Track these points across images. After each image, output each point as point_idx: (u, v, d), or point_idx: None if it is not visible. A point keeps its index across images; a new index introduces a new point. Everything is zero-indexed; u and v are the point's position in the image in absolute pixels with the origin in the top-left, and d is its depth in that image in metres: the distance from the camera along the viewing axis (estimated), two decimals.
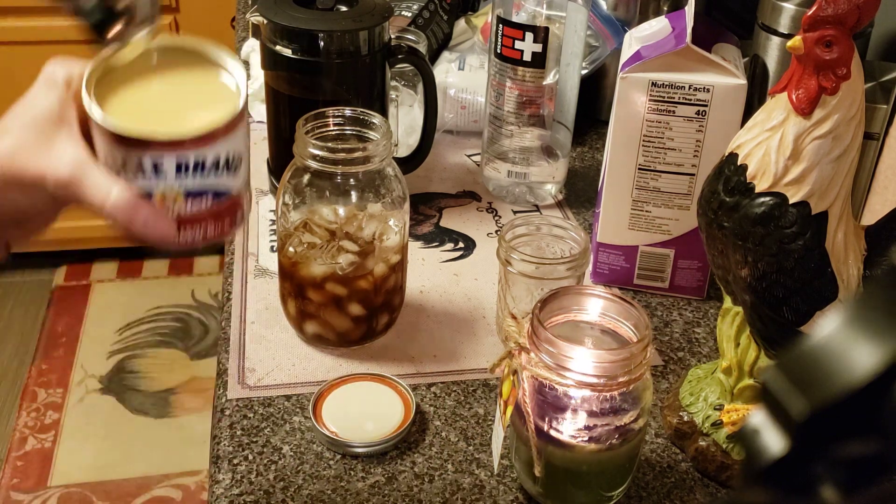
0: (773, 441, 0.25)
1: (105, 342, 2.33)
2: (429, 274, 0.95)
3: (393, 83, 1.12)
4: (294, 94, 0.97)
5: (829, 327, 0.25)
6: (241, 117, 0.54)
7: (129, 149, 0.51)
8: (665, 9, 1.19)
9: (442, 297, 0.92)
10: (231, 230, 0.57)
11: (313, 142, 0.75)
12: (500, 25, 0.98)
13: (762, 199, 0.61)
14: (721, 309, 0.72)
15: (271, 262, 0.95)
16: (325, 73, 0.94)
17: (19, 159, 0.50)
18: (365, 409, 0.76)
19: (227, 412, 0.76)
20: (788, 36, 0.98)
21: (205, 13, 2.22)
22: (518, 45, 0.98)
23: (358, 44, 0.93)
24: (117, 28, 0.55)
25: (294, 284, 0.80)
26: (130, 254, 2.66)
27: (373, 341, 0.84)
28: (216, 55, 0.57)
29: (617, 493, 0.68)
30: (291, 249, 0.80)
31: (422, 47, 1.14)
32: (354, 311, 0.80)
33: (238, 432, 0.74)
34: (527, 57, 0.98)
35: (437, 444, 0.74)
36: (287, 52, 0.93)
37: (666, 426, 0.76)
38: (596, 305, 0.68)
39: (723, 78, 0.81)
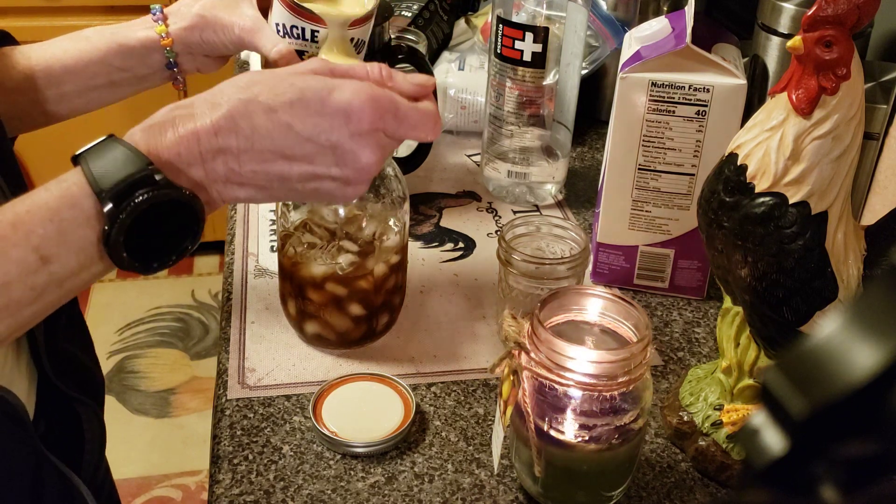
0: (773, 441, 0.25)
1: (105, 342, 2.34)
2: (429, 274, 0.95)
3: None
4: None
5: (829, 327, 0.25)
6: (372, 16, 0.77)
7: (300, 19, 0.75)
8: (665, 9, 1.19)
9: (442, 297, 0.92)
10: None
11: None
12: (500, 25, 0.98)
13: (762, 199, 0.61)
14: (721, 309, 0.72)
15: (271, 262, 0.95)
16: None
17: (218, 11, 0.76)
18: (365, 409, 0.76)
19: (227, 412, 0.76)
20: (788, 36, 0.98)
21: None
22: (518, 45, 0.98)
23: None
24: None
25: (294, 284, 0.80)
26: None
27: (373, 341, 0.84)
28: None
29: (617, 493, 0.68)
30: (292, 249, 0.80)
31: (422, 47, 1.14)
32: (354, 311, 0.80)
33: (238, 432, 0.74)
34: (527, 57, 0.98)
35: (437, 444, 0.74)
36: None
37: (666, 426, 0.76)
38: (596, 305, 0.68)
39: (723, 78, 0.81)
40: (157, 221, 0.55)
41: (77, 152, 0.55)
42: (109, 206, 0.52)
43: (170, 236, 0.57)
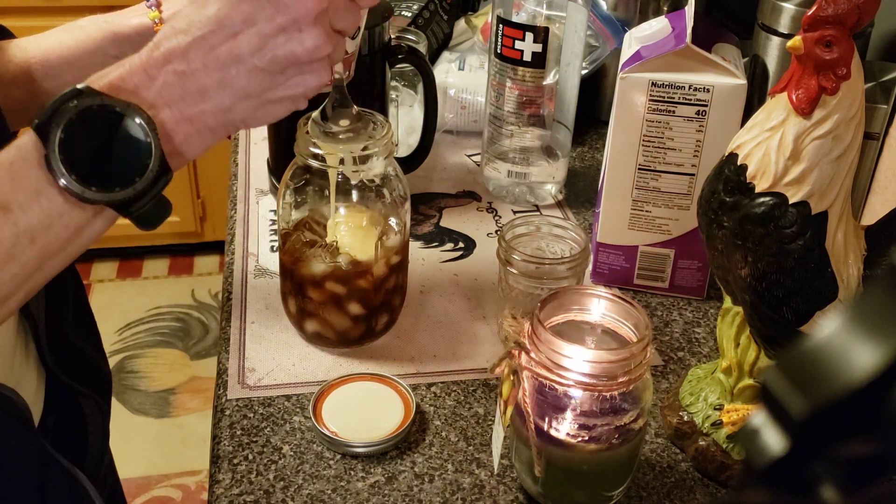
0: (773, 441, 0.25)
1: (105, 342, 2.33)
2: (429, 274, 0.95)
3: (393, 83, 1.12)
4: None
5: (829, 327, 0.25)
6: None
7: None
8: (665, 9, 1.19)
9: (442, 297, 0.92)
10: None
11: (314, 141, 0.75)
12: (500, 25, 0.98)
13: (762, 199, 0.61)
14: (721, 309, 0.72)
15: (271, 262, 0.95)
16: None
17: None
18: (365, 409, 0.76)
19: (227, 412, 0.76)
20: (788, 36, 0.98)
21: None
22: (518, 45, 0.98)
23: None
24: None
25: (294, 283, 0.81)
26: (130, 254, 2.66)
27: (372, 341, 0.84)
28: None
29: (617, 493, 0.68)
30: (292, 247, 0.80)
31: (422, 47, 1.14)
32: (354, 310, 0.80)
33: (238, 432, 0.74)
34: (527, 57, 0.98)
35: (437, 444, 0.74)
36: None
37: (666, 426, 0.76)
38: (596, 305, 0.68)
39: (723, 78, 0.81)
40: (114, 152, 0.51)
41: None
42: (43, 128, 0.50)
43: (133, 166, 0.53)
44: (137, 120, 0.51)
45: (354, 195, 0.78)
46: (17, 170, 0.50)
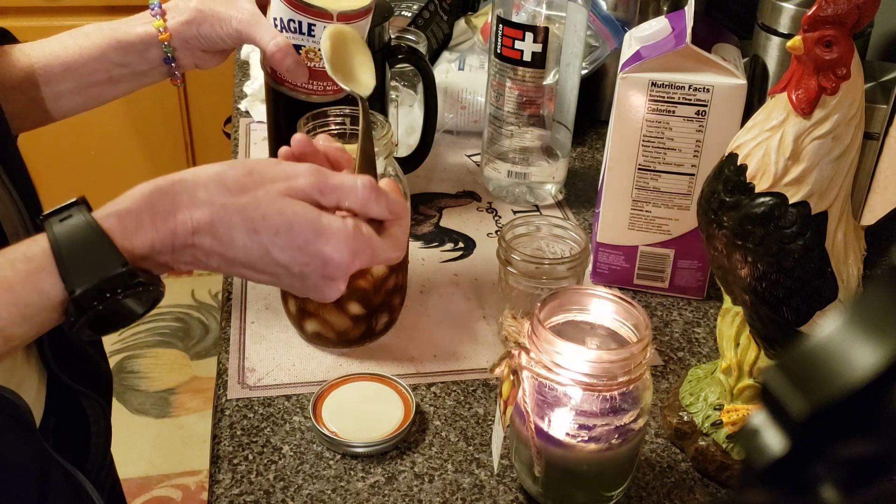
0: (773, 441, 0.25)
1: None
2: (429, 274, 0.95)
3: (393, 83, 1.12)
4: None
5: (829, 327, 0.25)
6: (370, 11, 0.79)
7: (297, 11, 0.76)
8: (665, 9, 1.19)
9: (442, 297, 0.92)
10: (343, 92, 0.79)
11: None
12: (500, 25, 0.98)
13: (762, 199, 0.61)
14: (721, 309, 0.72)
15: None
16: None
17: (215, 5, 0.78)
18: (365, 409, 0.76)
19: (227, 412, 0.76)
20: (788, 36, 0.98)
21: None
22: (518, 45, 0.98)
23: None
24: None
25: None
26: None
27: (372, 341, 0.84)
28: None
29: (617, 493, 0.68)
30: None
31: (422, 47, 1.14)
32: (353, 310, 0.80)
33: (238, 432, 0.74)
34: (527, 57, 0.98)
35: (437, 444, 0.74)
36: None
37: (666, 426, 0.76)
38: (596, 305, 0.68)
39: (723, 78, 0.81)
40: None
41: (44, 215, 0.54)
42: (80, 304, 0.52)
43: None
44: (155, 292, 0.56)
45: None
46: (32, 312, 0.52)
